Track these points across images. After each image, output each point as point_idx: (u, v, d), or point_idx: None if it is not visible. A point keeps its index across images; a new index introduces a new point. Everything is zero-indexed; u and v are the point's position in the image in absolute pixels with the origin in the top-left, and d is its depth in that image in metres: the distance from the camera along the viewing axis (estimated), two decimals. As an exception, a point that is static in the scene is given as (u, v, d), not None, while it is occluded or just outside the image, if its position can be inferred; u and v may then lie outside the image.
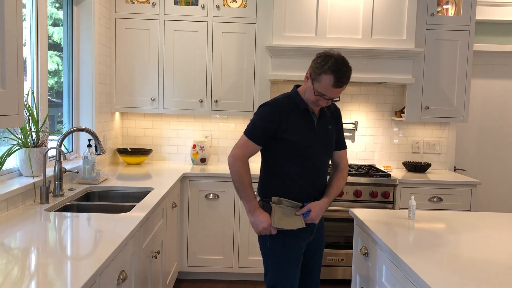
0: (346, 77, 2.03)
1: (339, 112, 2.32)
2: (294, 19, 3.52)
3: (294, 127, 2.10)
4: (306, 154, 2.12)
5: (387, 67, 3.55)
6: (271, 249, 2.16)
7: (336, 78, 1.99)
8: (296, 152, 2.11)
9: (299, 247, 2.17)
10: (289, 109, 2.12)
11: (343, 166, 2.29)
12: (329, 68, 1.99)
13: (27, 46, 2.65)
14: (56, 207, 2.36)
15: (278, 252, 2.14)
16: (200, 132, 4.13)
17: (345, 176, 2.28)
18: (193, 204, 3.57)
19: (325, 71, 1.99)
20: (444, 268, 1.56)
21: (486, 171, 4.49)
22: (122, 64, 3.76)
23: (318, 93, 2.04)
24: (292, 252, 2.15)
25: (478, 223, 2.22)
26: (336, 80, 1.99)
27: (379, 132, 4.13)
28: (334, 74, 1.98)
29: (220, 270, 3.63)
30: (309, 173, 2.14)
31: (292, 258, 2.15)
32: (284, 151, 2.12)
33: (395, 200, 3.55)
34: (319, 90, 2.03)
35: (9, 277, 1.38)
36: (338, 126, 2.28)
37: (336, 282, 3.58)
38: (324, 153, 2.20)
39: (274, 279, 2.15)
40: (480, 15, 4.08)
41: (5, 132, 2.45)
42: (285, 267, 2.14)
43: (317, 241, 2.27)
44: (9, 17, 1.48)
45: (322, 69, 2.00)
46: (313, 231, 2.21)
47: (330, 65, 1.99)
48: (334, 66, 1.99)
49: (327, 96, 2.04)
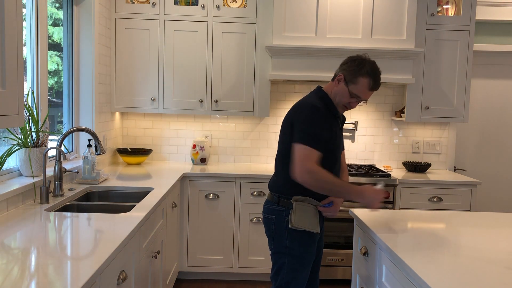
0: (380, 80, 2.16)
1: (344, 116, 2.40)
2: (294, 19, 3.52)
3: (330, 130, 2.14)
4: (334, 156, 2.20)
5: (387, 67, 3.55)
6: (289, 248, 2.16)
7: (373, 81, 2.11)
8: (329, 154, 2.15)
9: (314, 247, 2.21)
10: (327, 113, 2.17)
11: (344, 167, 2.41)
12: (367, 71, 2.10)
13: (27, 46, 2.65)
14: (56, 207, 2.36)
15: (295, 252, 2.15)
16: (200, 132, 4.13)
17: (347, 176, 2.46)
18: (193, 204, 3.57)
19: (363, 74, 2.10)
20: (444, 268, 1.56)
21: (486, 171, 4.49)
22: (122, 64, 3.76)
23: (353, 95, 2.13)
24: (307, 252, 2.18)
25: (478, 223, 2.22)
26: (373, 83, 2.11)
27: (379, 132, 4.13)
28: (371, 77, 2.10)
29: (220, 270, 3.63)
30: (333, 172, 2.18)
31: (307, 258, 2.18)
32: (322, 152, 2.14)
33: (395, 200, 3.55)
34: (354, 92, 2.12)
35: (9, 277, 1.38)
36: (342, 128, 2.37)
37: (336, 282, 3.58)
38: (340, 155, 2.31)
39: (287, 278, 2.16)
40: (480, 15, 4.08)
41: (5, 132, 2.45)
42: (300, 267, 2.16)
43: (320, 241, 2.33)
44: (9, 17, 1.48)
45: (359, 72, 2.10)
46: (322, 228, 2.29)
47: (367, 68, 2.11)
48: (371, 69, 2.11)
49: (362, 98, 2.14)
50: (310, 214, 2.14)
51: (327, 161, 2.13)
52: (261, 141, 4.05)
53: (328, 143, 2.12)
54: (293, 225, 2.11)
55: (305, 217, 2.13)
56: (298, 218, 2.11)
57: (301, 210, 2.13)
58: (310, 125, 2.06)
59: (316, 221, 2.15)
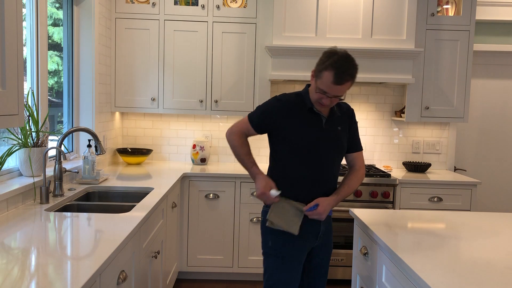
0: (348, 74, 1.94)
1: (352, 112, 2.24)
2: (294, 19, 3.52)
3: (297, 127, 2.07)
4: (311, 154, 2.07)
5: (387, 67, 3.55)
6: (272, 248, 2.12)
7: (336, 74, 1.92)
8: (299, 152, 2.07)
9: (300, 249, 2.11)
10: (294, 107, 2.09)
11: (358, 167, 2.22)
12: (330, 64, 1.93)
13: (27, 46, 2.65)
14: (56, 207, 2.36)
15: (278, 252, 2.10)
16: (200, 132, 4.13)
17: (359, 176, 2.20)
18: (193, 204, 3.57)
19: (326, 67, 1.94)
20: (444, 268, 1.56)
21: (486, 171, 4.49)
22: (122, 64, 3.76)
23: (319, 90, 1.99)
24: (291, 253, 2.10)
25: (478, 223, 2.22)
26: (335, 77, 1.92)
27: (379, 132, 4.13)
28: (334, 70, 1.92)
29: (220, 270, 3.63)
30: (315, 174, 2.09)
31: (291, 260, 2.10)
32: (287, 150, 2.10)
33: (395, 200, 3.55)
34: (320, 87, 1.98)
35: (9, 277, 1.38)
36: (351, 127, 2.21)
37: (336, 282, 3.58)
38: (332, 155, 2.13)
39: (271, 279, 2.11)
40: (480, 15, 4.08)
41: (5, 132, 2.45)
42: (283, 268, 2.09)
43: (322, 246, 2.20)
44: (9, 17, 1.48)
45: (323, 65, 1.96)
46: (319, 235, 2.14)
47: (332, 61, 1.93)
48: (336, 62, 1.93)
49: (329, 94, 1.97)
50: (289, 214, 2.05)
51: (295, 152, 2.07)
52: (261, 141, 4.05)
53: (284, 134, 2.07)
54: (268, 224, 2.05)
55: (283, 216, 2.04)
56: (275, 217, 2.04)
57: (279, 208, 2.05)
58: (261, 104, 2.17)
59: (295, 221, 2.04)
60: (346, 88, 1.99)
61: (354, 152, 2.23)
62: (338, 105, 2.18)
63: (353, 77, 1.98)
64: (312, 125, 2.09)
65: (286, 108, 2.09)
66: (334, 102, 2.04)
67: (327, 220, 2.19)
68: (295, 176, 2.10)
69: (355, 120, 2.25)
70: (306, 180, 2.09)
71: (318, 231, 2.14)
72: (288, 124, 2.07)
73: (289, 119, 2.08)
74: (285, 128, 2.08)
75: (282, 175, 2.12)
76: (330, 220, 2.23)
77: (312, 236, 2.13)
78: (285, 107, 2.09)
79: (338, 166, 2.19)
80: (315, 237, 2.14)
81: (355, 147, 2.23)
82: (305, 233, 2.09)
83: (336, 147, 2.13)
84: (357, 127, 2.27)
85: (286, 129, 2.08)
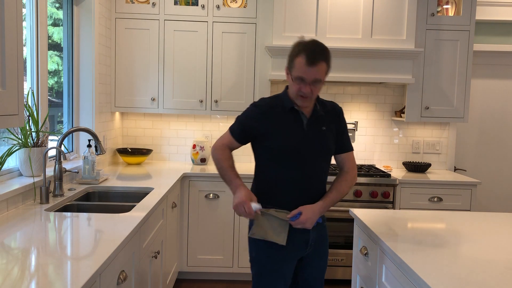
0: (319, 54, 1.88)
1: (339, 111, 2.11)
2: (294, 19, 3.52)
3: (278, 129, 1.98)
4: (292, 158, 1.96)
5: (387, 67, 3.55)
6: (254, 259, 2.04)
7: (308, 55, 1.86)
8: (280, 156, 1.97)
9: (286, 260, 1.99)
10: (273, 110, 2.01)
11: (347, 169, 2.10)
12: (300, 49, 1.90)
13: (27, 46, 2.65)
14: (56, 207, 2.36)
15: (261, 263, 2.01)
16: (200, 132, 4.13)
17: (349, 179, 2.08)
18: (193, 204, 3.57)
19: (296, 53, 1.90)
20: (444, 268, 1.56)
21: (486, 171, 4.49)
22: (122, 64, 3.76)
23: (295, 79, 1.90)
24: (275, 265, 1.98)
25: (478, 223, 2.22)
26: (308, 58, 1.86)
27: (379, 132, 4.13)
28: (305, 53, 1.87)
29: (220, 270, 3.63)
30: (298, 179, 1.97)
31: (275, 272, 1.98)
32: (268, 154, 2.00)
33: (395, 200, 3.55)
34: (295, 75, 1.90)
35: (9, 277, 1.38)
36: (338, 127, 2.08)
37: (336, 282, 3.58)
38: (317, 157, 2.01)
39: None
40: (480, 15, 4.08)
41: (5, 132, 2.45)
42: (267, 281, 2.00)
43: (315, 255, 2.08)
44: (9, 17, 1.48)
45: (293, 54, 1.92)
46: (309, 243, 2.03)
47: (301, 47, 1.91)
48: (305, 46, 1.90)
49: (306, 79, 1.88)
50: (274, 224, 1.94)
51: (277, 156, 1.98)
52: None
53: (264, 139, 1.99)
54: (250, 234, 1.97)
55: (268, 226, 1.93)
56: (259, 228, 1.94)
57: (263, 219, 1.94)
58: (240, 115, 2.10)
59: (281, 231, 1.93)
60: (323, 71, 1.90)
61: (342, 153, 2.10)
62: (322, 103, 2.07)
63: (326, 58, 1.91)
64: (292, 127, 1.99)
65: (264, 112, 2.01)
66: (316, 91, 1.93)
67: (319, 227, 2.07)
68: (278, 183, 1.99)
69: (343, 119, 2.12)
70: (290, 186, 1.98)
71: (308, 239, 2.02)
72: (266, 129, 1.99)
73: (267, 124, 1.99)
74: (264, 133, 1.99)
75: (266, 182, 2.03)
76: (323, 227, 2.11)
77: (301, 245, 2.02)
78: (262, 111, 2.01)
79: (325, 168, 2.07)
80: (304, 245, 2.02)
81: (343, 148, 2.10)
82: (293, 242, 1.97)
83: (320, 149, 2.01)
84: (346, 126, 2.14)
85: (265, 135, 1.99)
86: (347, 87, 4.08)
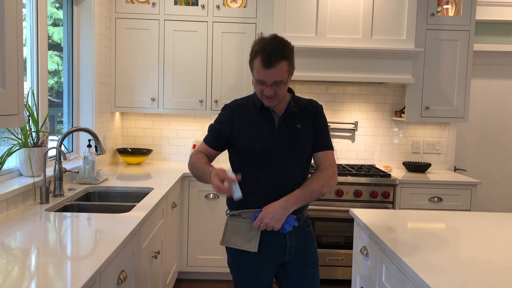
0: (276, 54, 1.75)
1: (316, 108, 1.99)
2: (294, 19, 3.52)
3: (247, 129, 1.91)
4: (263, 158, 1.87)
5: (387, 67, 3.55)
6: (231, 266, 2.00)
7: (263, 58, 1.75)
8: (251, 156, 1.89)
9: (262, 267, 1.91)
10: (244, 109, 1.94)
11: (323, 168, 1.95)
12: (256, 50, 1.79)
13: (27, 46, 2.65)
14: (56, 207, 2.36)
15: (236, 270, 1.97)
16: (200, 132, 4.13)
17: (321, 177, 1.91)
18: (193, 204, 3.57)
19: (254, 54, 1.80)
20: (444, 268, 1.56)
21: (486, 171, 4.49)
22: (122, 64, 3.76)
23: (256, 81, 1.82)
24: (250, 273, 1.92)
25: (478, 223, 2.22)
26: (263, 60, 1.75)
27: (379, 132, 4.13)
28: (260, 54, 1.76)
29: (220, 270, 3.62)
30: (273, 181, 1.87)
31: (251, 279, 1.93)
32: (240, 156, 1.93)
33: (395, 200, 3.55)
34: (255, 77, 1.82)
35: (9, 277, 1.38)
36: (315, 124, 1.96)
37: (336, 282, 3.58)
38: (291, 156, 1.90)
39: None
40: (480, 15, 4.08)
41: (5, 132, 2.45)
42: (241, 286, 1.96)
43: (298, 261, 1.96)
44: (9, 17, 1.48)
45: (251, 54, 1.82)
46: (288, 249, 1.92)
47: (257, 47, 1.79)
48: (261, 46, 1.77)
49: (266, 82, 1.79)
50: (243, 230, 1.87)
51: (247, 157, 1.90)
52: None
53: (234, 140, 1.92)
54: (221, 242, 1.92)
55: (237, 233, 1.87)
56: (229, 235, 1.89)
57: (233, 225, 1.89)
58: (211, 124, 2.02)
59: (251, 236, 1.84)
60: (283, 71, 1.79)
61: (318, 151, 1.96)
62: (298, 101, 1.98)
63: (285, 56, 1.78)
64: (263, 126, 1.90)
65: (233, 113, 1.94)
66: (281, 90, 1.83)
67: (300, 232, 1.95)
68: (252, 185, 1.87)
69: (321, 116, 1.99)
70: (263, 188, 1.88)
71: (285, 246, 1.91)
72: (236, 129, 1.91)
73: (237, 125, 1.92)
74: (235, 134, 1.92)
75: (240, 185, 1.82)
76: (305, 232, 1.98)
77: (278, 251, 1.92)
78: (232, 112, 1.94)
79: (302, 168, 1.94)
80: (282, 252, 1.92)
81: (319, 146, 1.96)
82: (268, 248, 1.89)
83: (293, 148, 1.91)
84: (325, 124, 2.01)
85: (236, 136, 1.92)
86: (347, 87, 4.08)
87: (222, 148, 2.00)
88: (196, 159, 1.95)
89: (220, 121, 1.98)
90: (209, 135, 2.01)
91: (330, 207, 3.47)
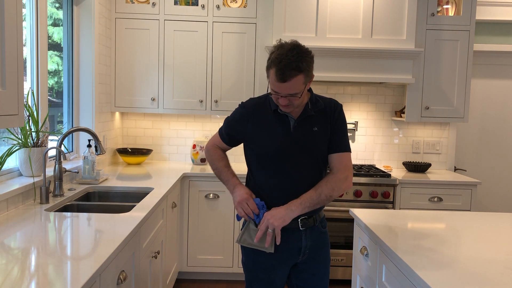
0: (292, 68, 1.67)
1: (335, 109, 1.91)
2: (294, 19, 3.52)
3: (262, 132, 1.88)
4: (278, 162, 1.86)
5: (387, 67, 3.55)
6: (245, 264, 2.01)
7: (278, 71, 1.69)
8: (266, 160, 1.88)
9: (275, 267, 1.92)
10: (258, 111, 1.91)
11: (335, 170, 1.89)
12: (272, 60, 1.71)
13: (27, 46, 2.65)
14: (56, 207, 2.36)
15: (250, 269, 1.98)
16: (200, 132, 4.13)
17: (331, 180, 1.86)
18: (193, 204, 3.57)
19: (270, 64, 1.74)
20: (444, 268, 1.56)
21: (486, 171, 4.49)
22: (122, 64, 3.76)
23: (272, 90, 1.77)
24: (263, 273, 1.92)
25: (478, 223, 2.22)
26: (277, 74, 1.69)
27: (379, 132, 4.13)
28: (275, 67, 1.69)
29: (220, 270, 3.63)
30: (288, 184, 1.86)
31: (264, 279, 1.93)
32: (255, 158, 1.92)
33: (395, 200, 3.55)
34: (271, 87, 1.77)
35: (9, 277, 1.38)
36: (333, 126, 1.90)
37: (336, 282, 3.58)
38: (306, 159, 1.87)
39: None
40: (480, 15, 4.08)
41: (5, 132, 2.45)
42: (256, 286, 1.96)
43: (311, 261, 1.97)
44: (9, 17, 1.48)
45: (268, 63, 1.76)
46: (302, 250, 1.93)
47: (273, 57, 1.71)
48: (277, 57, 1.69)
49: (280, 93, 1.74)
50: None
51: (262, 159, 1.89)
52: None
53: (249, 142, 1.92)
54: (237, 241, 1.92)
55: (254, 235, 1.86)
56: (245, 234, 1.89)
57: (252, 229, 1.89)
58: (228, 117, 2.02)
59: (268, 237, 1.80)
60: (298, 84, 1.72)
61: (333, 153, 1.90)
62: (316, 102, 1.90)
63: (301, 70, 1.69)
64: (277, 129, 1.86)
65: (249, 113, 1.92)
66: (296, 101, 1.77)
67: (316, 232, 1.96)
68: (267, 188, 1.89)
69: (340, 117, 1.92)
70: (278, 191, 1.88)
71: (300, 246, 1.92)
72: (252, 131, 1.90)
73: (252, 125, 1.90)
74: (249, 136, 1.91)
75: (255, 187, 1.93)
76: (321, 233, 1.99)
77: (293, 252, 1.93)
78: (248, 112, 1.92)
79: (319, 171, 1.92)
80: (297, 252, 1.93)
81: (334, 148, 1.89)
82: (282, 250, 1.89)
83: (308, 152, 1.86)
84: (344, 125, 1.93)
85: (250, 137, 1.91)
86: (347, 87, 4.08)
87: (234, 145, 2.06)
88: (216, 158, 2.05)
89: (236, 120, 1.99)
90: (224, 130, 2.05)
91: (330, 207, 3.47)
